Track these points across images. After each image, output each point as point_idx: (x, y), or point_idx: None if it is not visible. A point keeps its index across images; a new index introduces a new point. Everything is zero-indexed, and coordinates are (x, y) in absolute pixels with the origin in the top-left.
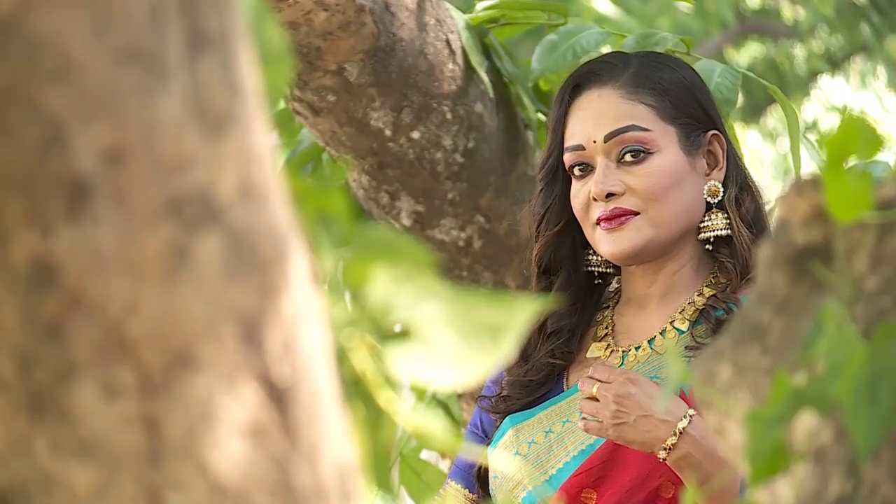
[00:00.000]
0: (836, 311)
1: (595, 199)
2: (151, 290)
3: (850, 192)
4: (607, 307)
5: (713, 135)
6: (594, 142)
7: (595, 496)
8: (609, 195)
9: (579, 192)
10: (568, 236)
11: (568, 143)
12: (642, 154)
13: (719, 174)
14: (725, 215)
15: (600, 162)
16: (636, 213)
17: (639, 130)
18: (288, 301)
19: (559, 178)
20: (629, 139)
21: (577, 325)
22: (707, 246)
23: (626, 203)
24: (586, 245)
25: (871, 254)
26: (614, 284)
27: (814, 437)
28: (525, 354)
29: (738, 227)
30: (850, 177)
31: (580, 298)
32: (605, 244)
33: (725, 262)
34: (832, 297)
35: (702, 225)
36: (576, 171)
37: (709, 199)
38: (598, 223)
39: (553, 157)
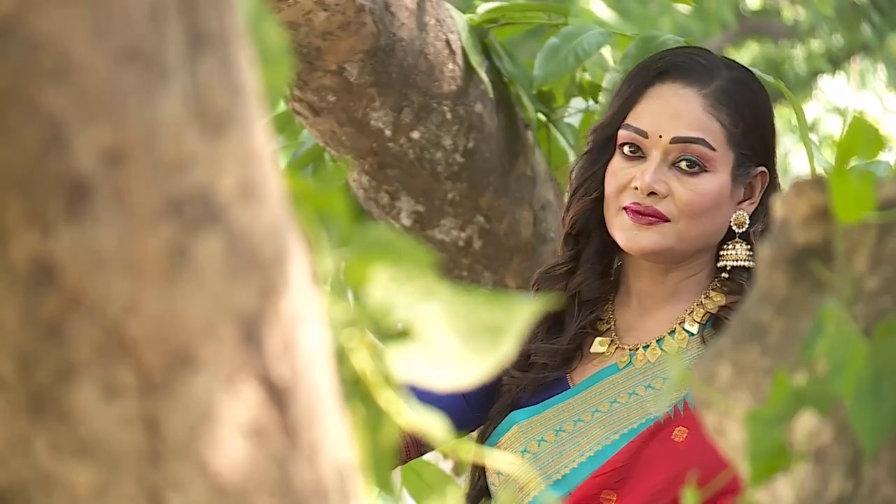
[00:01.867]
0: (836, 311)
1: (635, 188)
2: (151, 290)
3: (854, 192)
4: (607, 301)
5: (761, 171)
6: (660, 137)
7: (615, 497)
8: (651, 193)
9: (620, 172)
10: (602, 204)
11: (632, 121)
12: (698, 168)
13: (750, 207)
14: (748, 247)
15: (655, 157)
16: (667, 220)
17: (706, 147)
18: (288, 301)
19: (610, 148)
20: (693, 151)
21: (603, 295)
22: (724, 274)
23: (663, 207)
24: None
25: (871, 254)
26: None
27: (814, 437)
28: (560, 323)
29: None
30: (853, 177)
31: (608, 267)
32: (624, 234)
33: (745, 285)
34: (832, 297)
35: (722, 253)
36: (626, 149)
37: (734, 227)
38: (625, 209)
39: (612, 127)
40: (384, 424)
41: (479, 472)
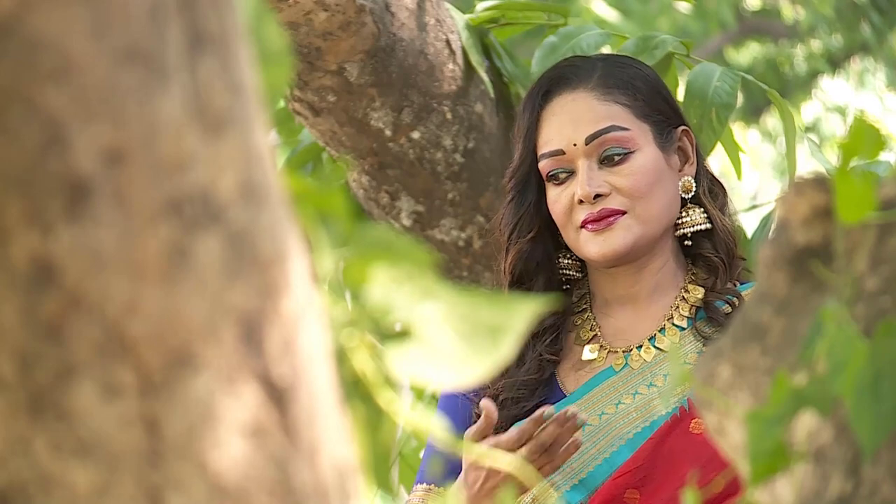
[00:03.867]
0: (836, 311)
1: (581, 202)
2: (151, 290)
3: (857, 192)
4: (583, 310)
5: (683, 130)
6: (574, 145)
7: (638, 496)
8: (596, 196)
9: (560, 197)
10: (540, 243)
11: (544, 149)
12: (623, 154)
13: (691, 169)
14: (702, 210)
15: (582, 164)
16: (623, 213)
17: (619, 130)
18: (288, 301)
19: (531, 186)
20: (611, 140)
21: (560, 326)
22: (686, 242)
23: (613, 203)
24: (558, 250)
25: (871, 254)
26: (576, 291)
27: (814, 437)
28: (519, 357)
29: (718, 218)
30: (855, 178)
31: (558, 298)
32: (594, 246)
33: (710, 255)
34: (832, 297)
35: (679, 221)
36: (553, 177)
37: (683, 194)
38: (583, 226)
39: (525, 165)
40: (384, 424)
41: None
